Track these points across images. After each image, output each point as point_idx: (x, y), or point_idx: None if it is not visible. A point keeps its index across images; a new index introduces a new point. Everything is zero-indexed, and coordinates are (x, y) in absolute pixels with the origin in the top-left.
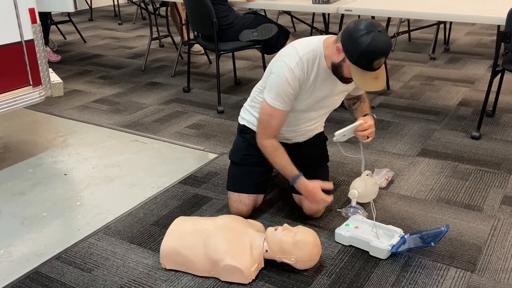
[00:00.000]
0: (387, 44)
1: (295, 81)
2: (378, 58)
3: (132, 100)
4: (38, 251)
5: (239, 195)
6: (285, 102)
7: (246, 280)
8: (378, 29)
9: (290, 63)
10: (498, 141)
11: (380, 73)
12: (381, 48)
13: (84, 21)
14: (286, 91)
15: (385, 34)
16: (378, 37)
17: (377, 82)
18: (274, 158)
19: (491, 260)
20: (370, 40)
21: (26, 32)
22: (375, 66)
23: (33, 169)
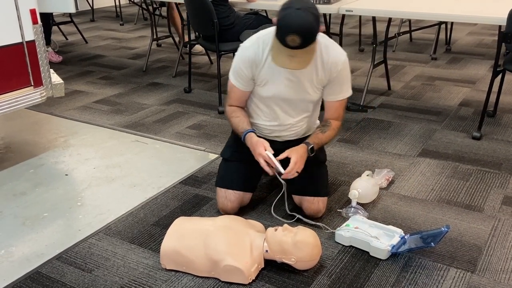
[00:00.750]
0: (299, 23)
1: (246, 60)
2: (288, 34)
3: (133, 100)
4: (39, 251)
5: (225, 191)
6: (238, 80)
7: (246, 281)
8: (297, 6)
9: (246, 43)
10: (499, 142)
11: (297, 53)
12: (291, 26)
13: (85, 22)
14: (239, 68)
15: (305, 13)
16: (292, 14)
17: (291, 60)
18: (230, 119)
19: (491, 261)
20: (284, 15)
21: (27, 33)
22: (289, 43)
23: (34, 170)
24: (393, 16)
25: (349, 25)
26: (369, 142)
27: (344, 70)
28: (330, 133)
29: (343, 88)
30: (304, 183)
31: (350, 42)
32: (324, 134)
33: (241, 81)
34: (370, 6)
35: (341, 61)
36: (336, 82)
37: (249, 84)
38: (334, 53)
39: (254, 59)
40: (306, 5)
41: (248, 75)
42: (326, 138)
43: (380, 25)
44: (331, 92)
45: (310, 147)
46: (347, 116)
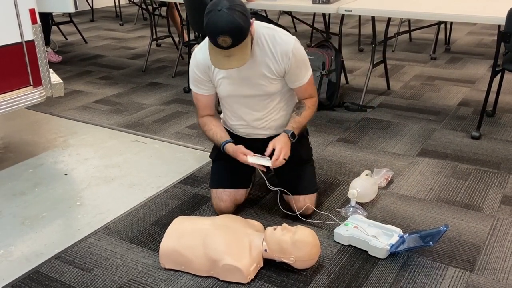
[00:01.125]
0: (223, 23)
1: (198, 65)
2: (217, 36)
3: (133, 100)
4: (38, 251)
5: (217, 191)
6: (197, 86)
7: (245, 280)
8: (218, 8)
9: (195, 50)
10: (498, 141)
11: (233, 52)
12: (217, 27)
13: (85, 22)
14: (195, 74)
15: (227, 13)
16: (215, 15)
17: (229, 60)
18: (206, 133)
19: (490, 260)
20: (208, 18)
21: (26, 33)
22: (221, 44)
23: (33, 169)
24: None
25: (349, 25)
26: (368, 141)
27: (296, 56)
28: (307, 112)
29: (302, 72)
30: (290, 182)
31: (349, 42)
32: (300, 116)
33: (201, 86)
34: (369, 6)
35: (290, 49)
36: (294, 69)
37: (209, 87)
38: (282, 42)
39: (204, 62)
40: (227, 4)
41: (205, 78)
42: (303, 118)
43: (380, 25)
44: (293, 79)
45: (290, 134)
46: (347, 116)
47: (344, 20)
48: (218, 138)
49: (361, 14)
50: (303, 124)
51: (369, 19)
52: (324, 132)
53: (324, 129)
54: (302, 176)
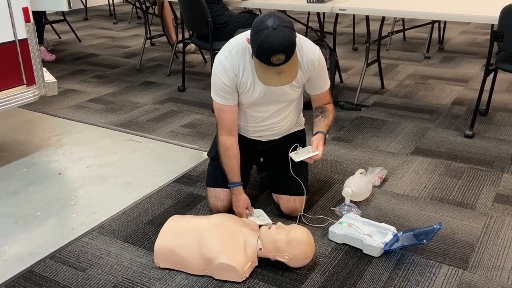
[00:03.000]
0: (280, 43)
1: (226, 75)
2: (273, 54)
3: (127, 99)
4: (32, 250)
5: (214, 190)
6: (224, 96)
7: (240, 278)
8: (274, 26)
9: (220, 58)
10: (491, 140)
11: (284, 69)
12: (273, 47)
13: (79, 21)
14: (221, 86)
15: (282, 31)
16: (271, 35)
17: (280, 77)
18: (224, 158)
19: (483, 258)
20: (264, 37)
21: (19, 31)
22: (274, 62)
23: (27, 169)
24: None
25: (343, 24)
26: (362, 140)
27: (321, 64)
28: (331, 116)
29: (324, 80)
30: (281, 182)
31: (344, 41)
32: (328, 119)
33: (228, 96)
34: (363, 5)
35: (315, 58)
36: (317, 77)
37: (235, 97)
38: (308, 51)
39: (232, 70)
40: (281, 22)
41: (232, 87)
42: (330, 121)
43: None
44: (314, 87)
45: (326, 135)
46: (341, 115)
47: (338, 19)
48: (235, 174)
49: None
50: (330, 128)
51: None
52: None
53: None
54: (294, 177)
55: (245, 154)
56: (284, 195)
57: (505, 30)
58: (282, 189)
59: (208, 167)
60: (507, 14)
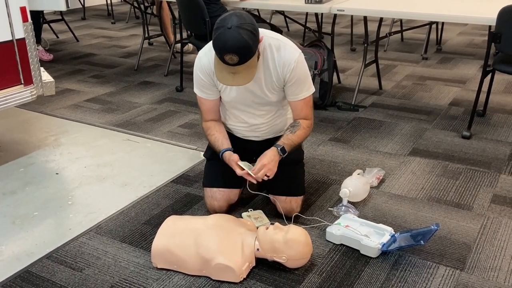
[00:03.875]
0: (232, 43)
1: (203, 69)
2: (224, 54)
3: (125, 99)
4: (29, 250)
5: (211, 190)
6: (202, 90)
7: (237, 279)
8: (229, 26)
9: (200, 53)
10: (488, 141)
11: (239, 69)
12: (225, 46)
13: (77, 20)
14: (199, 79)
15: (237, 32)
16: (224, 33)
17: (234, 77)
18: (208, 137)
19: (480, 259)
20: (218, 34)
21: (17, 31)
22: (228, 61)
23: (24, 168)
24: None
25: (341, 25)
26: (360, 141)
27: (297, 69)
28: (300, 132)
29: (301, 86)
30: (277, 182)
31: (342, 41)
32: (294, 134)
33: (206, 91)
34: (361, 6)
35: (293, 61)
36: (293, 82)
37: (214, 91)
38: (285, 54)
39: (209, 66)
40: (237, 22)
41: (209, 82)
42: (297, 138)
43: (372, 24)
44: (290, 92)
45: (279, 148)
46: (339, 115)
47: (336, 19)
48: (219, 144)
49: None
50: (296, 143)
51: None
52: (316, 131)
53: (316, 128)
54: (290, 178)
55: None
56: (280, 196)
57: (502, 32)
58: (279, 190)
59: (204, 167)
60: (504, 16)
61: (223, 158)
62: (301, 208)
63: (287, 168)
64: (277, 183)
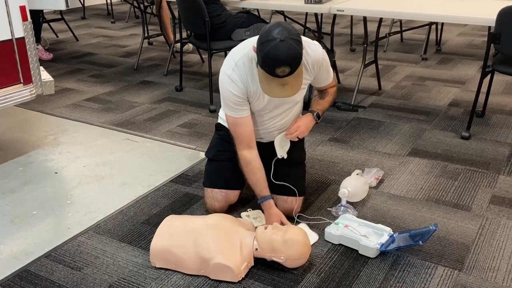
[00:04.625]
0: (286, 55)
1: (236, 87)
2: (279, 66)
3: (124, 98)
4: (28, 249)
5: (212, 190)
6: (237, 109)
7: (236, 279)
8: (281, 38)
9: (227, 71)
10: (487, 141)
11: (288, 81)
12: (279, 59)
13: (76, 19)
14: (232, 98)
15: (289, 44)
16: (278, 46)
17: (283, 89)
18: (247, 174)
19: (478, 259)
20: (270, 48)
21: (16, 30)
22: (279, 74)
23: (23, 168)
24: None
25: (341, 25)
26: (359, 141)
27: (325, 63)
28: (329, 98)
29: (328, 74)
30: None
31: (341, 42)
32: (324, 100)
33: (241, 108)
34: (361, 6)
35: (320, 58)
36: (323, 74)
37: (247, 106)
38: (313, 53)
39: (242, 81)
40: (289, 34)
41: (244, 97)
42: (327, 103)
43: (371, 25)
44: (321, 81)
45: (315, 114)
46: (338, 116)
47: (336, 20)
48: (261, 188)
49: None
50: (326, 108)
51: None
52: (316, 131)
53: (315, 128)
54: (292, 178)
55: None
56: (280, 195)
57: (502, 32)
58: (279, 190)
59: (205, 167)
60: (504, 16)
61: (262, 205)
62: (301, 208)
63: (289, 169)
64: (278, 184)
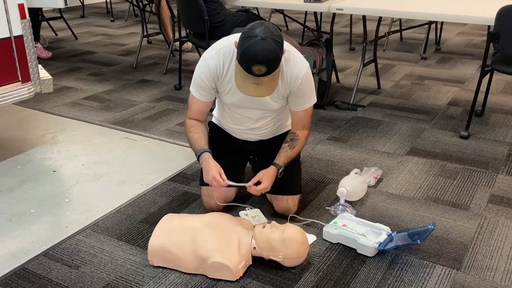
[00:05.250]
0: (265, 54)
1: (207, 73)
2: (255, 64)
3: (123, 97)
4: (25, 248)
5: (207, 188)
6: (199, 92)
7: (234, 277)
8: (263, 36)
9: (206, 56)
10: (486, 141)
11: (263, 81)
12: (257, 57)
13: (76, 18)
14: (200, 81)
15: (270, 44)
16: (258, 44)
17: (256, 88)
18: (188, 134)
19: (476, 258)
20: (250, 44)
21: (15, 28)
22: (255, 72)
23: (21, 166)
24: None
25: (340, 24)
26: (358, 140)
27: (304, 83)
28: (299, 147)
29: (305, 99)
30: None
31: (341, 41)
32: (293, 150)
33: (203, 92)
34: (360, 5)
35: (300, 76)
36: (298, 94)
37: (210, 94)
38: (295, 68)
39: (215, 71)
40: (270, 34)
41: (210, 85)
42: (295, 153)
43: (371, 24)
44: (293, 103)
45: (280, 170)
46: (337, 115)
47: (335, 19)
48: (200, 144)
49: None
50: (293, 159)
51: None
52: (315, 130)
53: (314, 127)
54: (287, 177)
55: (236, 153)
56: (277, 194)
57: (501, 32)
58: (275, 189)
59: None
60: (503, 16)
61: (200, 157)
62: (298, 207)
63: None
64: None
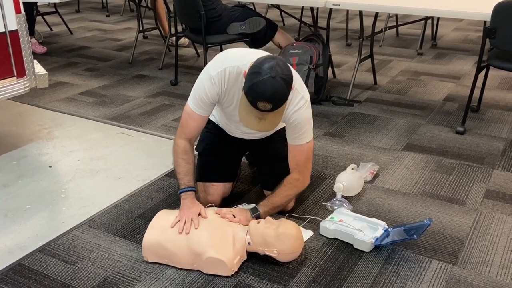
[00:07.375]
0: (273, 92)
1: (211, 90)
2: (261, 101)
3: (119, 92)
4: (22, 244)
5: (204, 184)
6: (200, 106)
7: (229, 273)
8: (272, 74)
9: (212, 71)
10: (482, 136)
11: (267, 116)
12: (265, 94)
13: (71, 13)
14: (202, 96)
15: (279, 83)
16: (267, 82)
17: (259, 122)
18: (177, 160)
19: (472, 253)
20: (259, 80)
21: (10, 23)
22: (260, 107)
23: (17, 161)
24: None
25: (337, 20)
26: (354, 136)
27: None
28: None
29: (299, 135)
30: (269, 177)
31: (337, 36)
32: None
33: (204, 107)
34: (357, 1)
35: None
36: (293, 128)
37: (210, 109)
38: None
39: (220, 87)
40: (281, 72)
41: (212, 101)
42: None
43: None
44: (288, 134)
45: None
46: (333, 110)
47: (332, 14)
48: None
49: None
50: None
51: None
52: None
53: None
54: (284, 173)
55: (231, 148)
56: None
57: (497, 27)
58: (272, 185)
59: (197, 162)
60: (499, 11)
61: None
62: (294, 203)
63: (280, 164)
64: (269, 178)
